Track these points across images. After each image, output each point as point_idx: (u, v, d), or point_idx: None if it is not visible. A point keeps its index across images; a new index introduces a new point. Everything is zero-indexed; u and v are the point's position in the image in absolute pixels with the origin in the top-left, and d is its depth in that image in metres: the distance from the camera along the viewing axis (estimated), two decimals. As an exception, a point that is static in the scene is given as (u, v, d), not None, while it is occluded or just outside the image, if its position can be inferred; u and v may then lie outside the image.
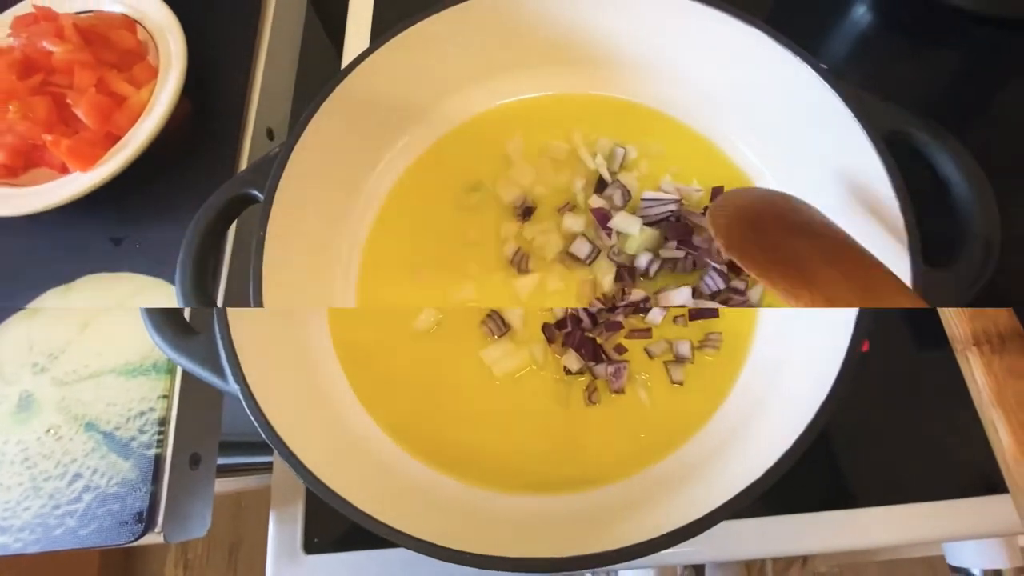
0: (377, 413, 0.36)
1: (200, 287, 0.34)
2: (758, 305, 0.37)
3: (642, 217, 0.37)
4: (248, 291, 0.32)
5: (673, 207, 0.37)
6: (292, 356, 0.36)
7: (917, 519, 0.36)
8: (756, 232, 0.27)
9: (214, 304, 0.34)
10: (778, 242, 0.27)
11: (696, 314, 0.37)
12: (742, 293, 0.37)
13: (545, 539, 0.30)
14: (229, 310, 0.32)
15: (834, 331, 0.29)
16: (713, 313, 0.37)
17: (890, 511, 0.36)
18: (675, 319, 0.37)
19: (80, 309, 0.40)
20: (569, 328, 0.36)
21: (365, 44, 0.51)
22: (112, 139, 0.42)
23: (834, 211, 0.36)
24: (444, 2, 0.37)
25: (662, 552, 0.26)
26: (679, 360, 0.36)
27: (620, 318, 0.37)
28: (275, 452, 0.29)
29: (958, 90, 0.47)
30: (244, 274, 0.33)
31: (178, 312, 0.33)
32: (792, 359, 0.34)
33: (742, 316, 0.37)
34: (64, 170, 0.42)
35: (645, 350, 0.37)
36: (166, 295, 0.40)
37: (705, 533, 0.26)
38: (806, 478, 0.34)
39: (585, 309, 0.37)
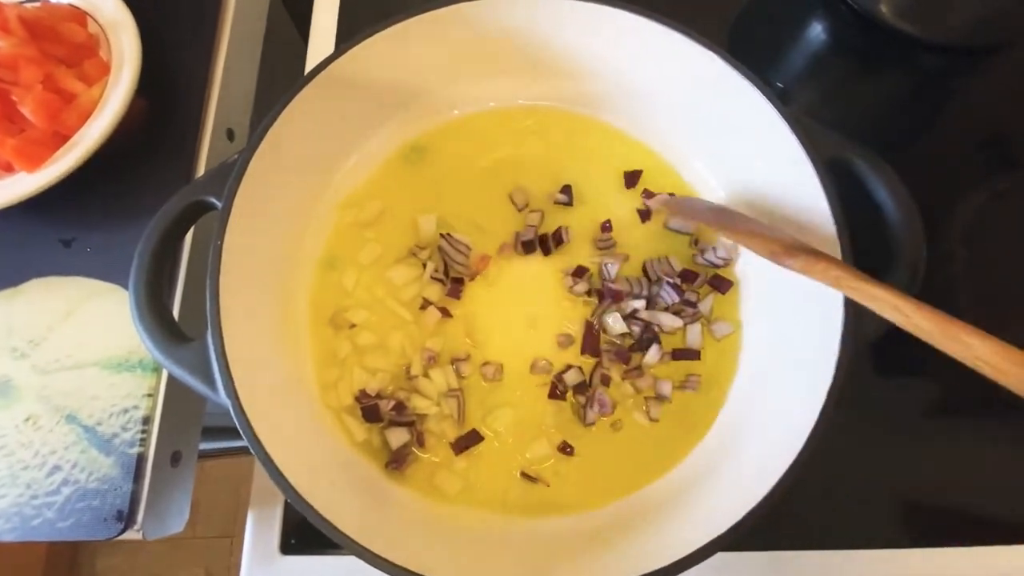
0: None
1: (155, 297, 0.33)
2: (709, 317, 0.39)
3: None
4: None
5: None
6: (285, 368, 0.36)
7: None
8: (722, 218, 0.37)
9: (169, 315, 0.33)
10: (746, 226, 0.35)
11: (680, 354, 0.38)
12: (694, 305, 0.39)
13: (503, 563, 0.31)
14: (224, 319, 0.31)
15: (812, 378, 0.31)
16: (695, 355, 0.38)
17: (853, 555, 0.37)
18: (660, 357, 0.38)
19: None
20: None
21: (330, 44, 0.50)
22: (61, 138, 0.40)
23: (773, 223, 0.38)
24: (414, 8, 0.37)
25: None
26: (659, 398, 0.37)
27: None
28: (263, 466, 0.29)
29: (904, 111, 0.49)
30: (202, 281, 0.33)
31: (170, 316, 0.33)
32: (769, 405, 0.35)
33: (722, 359, 0.38)
34: (10, 169, 0.40)
35: (632, 384, 0.37)
36: (119, 301, 0.39)
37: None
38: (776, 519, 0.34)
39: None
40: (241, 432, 0.30)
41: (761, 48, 0.51)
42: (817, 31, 0.51)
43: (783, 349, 0.35)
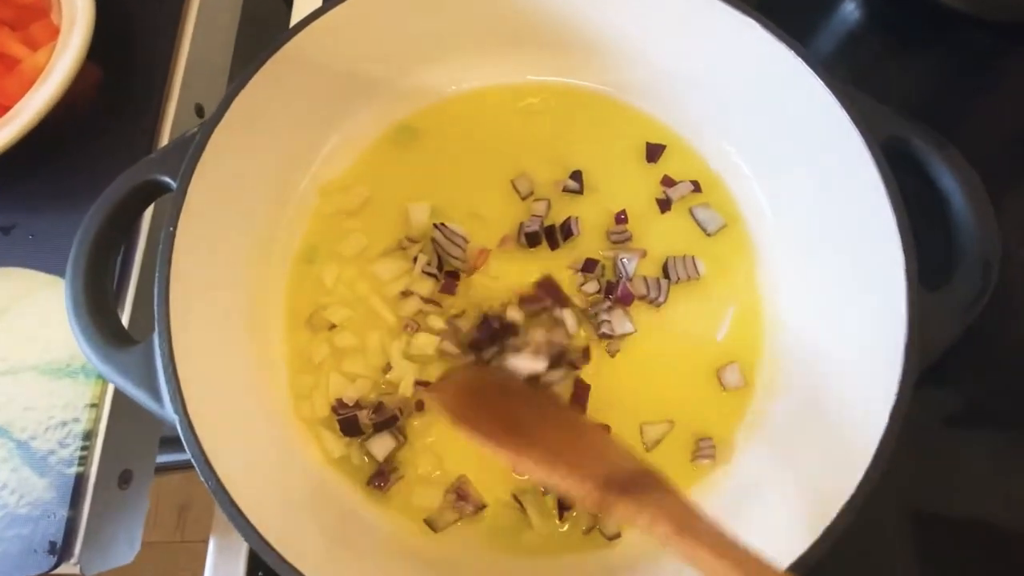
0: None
1: (95, 291, 0.28)
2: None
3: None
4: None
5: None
6: (250, 377, 0.31)
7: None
8: (478, 402, 0.29)
9: (112, 313, 0.28)
10: (497, 408, 0.28)
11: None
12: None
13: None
14: (175, 319, 0.27)
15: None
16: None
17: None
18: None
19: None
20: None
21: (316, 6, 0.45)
22: (0, 109, 0.35)
23: (816, 217, 0.33)
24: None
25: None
26: None
27: None
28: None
29: (947, 95, 0.45)
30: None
31: (111, 314, 0.28)
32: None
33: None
34: (-60, 143, 0.35)
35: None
36: (62, 296, 0.34)
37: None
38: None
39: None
40: (191, 455, 0.25)
41: (791, 25, 0.46)
42: (851, 7, 0.47)
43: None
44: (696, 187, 0.36)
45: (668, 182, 0.37)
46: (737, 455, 0.32)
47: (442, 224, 0.35)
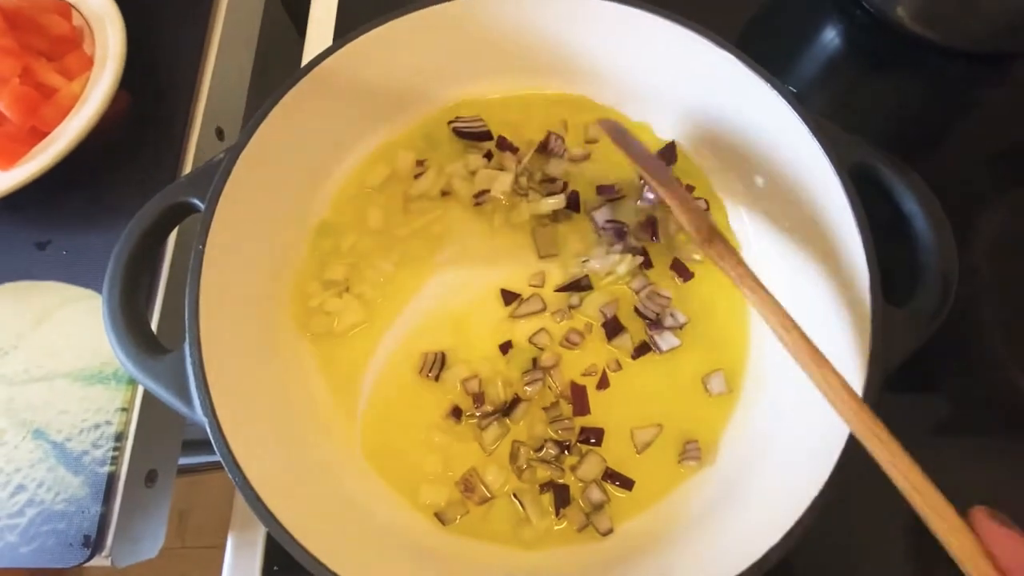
0: (374, 461, 0.34)
1: (130, 304, 0.31)
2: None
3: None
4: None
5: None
6: (270, 386, 0.34)
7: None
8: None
9: (145, 324, 0.31)
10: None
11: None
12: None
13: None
14: (205, 329, 0.29)
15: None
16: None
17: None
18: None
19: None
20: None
21: (328, 40, 0.48)
22: (38, 134, 0.38)
23: (789, 236, 0.35)
24: (413, 4, 0.36)
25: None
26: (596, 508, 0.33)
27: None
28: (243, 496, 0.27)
29: (921, 119, 0.47)
30: (183, 290, 0.30)
31: (145, 325, 0.31)
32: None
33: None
34: (-18, 166, 0.38)
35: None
36: (94, 307, 0.36)
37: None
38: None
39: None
40: (218, 454, 0.27)
41: (774, 52, 0.49)
42: (831, 35, 0.49)
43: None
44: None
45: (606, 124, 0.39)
46: (721, 457, 0.34)
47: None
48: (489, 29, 0.38)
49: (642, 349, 0.36)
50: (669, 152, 0.39)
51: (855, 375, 0.28)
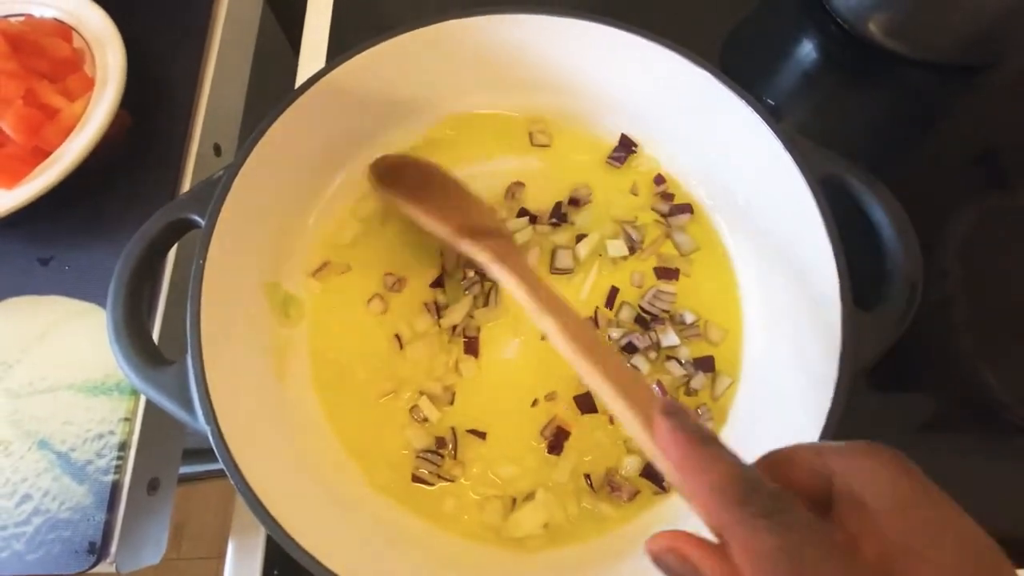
0: (361, 462, 0.35)
1: (133, 317, 0.32)
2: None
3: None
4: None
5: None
6: (270, 394, 0.35)
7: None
8: (399, 175, 0.38)
9: (148, 337, 0.32)
10: (410, 181, 0.37)
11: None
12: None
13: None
14: (206, 340, 0.30)
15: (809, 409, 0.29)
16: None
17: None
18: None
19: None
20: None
21: (322, 58, 0.50)
22: (41, 154, 0.39)
23: (770, 244, 0.37)
24: (407, 23, 0.37)
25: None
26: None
27: None
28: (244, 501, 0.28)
29: (895, 128, 0.49)
30: (185, 301, 0.31)
31: (148, 338, 0.32)
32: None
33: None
34: (-13, 185, 0.39)
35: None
36: (96, 321, 0.37)
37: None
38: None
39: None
40: (221, 461, 0.28)
41: (752, 66, 0.51)
42: (808, 49, 0.51)
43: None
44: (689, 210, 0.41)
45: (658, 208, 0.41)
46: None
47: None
48: (479, 50, 0.39)
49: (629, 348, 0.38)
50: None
51: (828, 376, 0.30)
